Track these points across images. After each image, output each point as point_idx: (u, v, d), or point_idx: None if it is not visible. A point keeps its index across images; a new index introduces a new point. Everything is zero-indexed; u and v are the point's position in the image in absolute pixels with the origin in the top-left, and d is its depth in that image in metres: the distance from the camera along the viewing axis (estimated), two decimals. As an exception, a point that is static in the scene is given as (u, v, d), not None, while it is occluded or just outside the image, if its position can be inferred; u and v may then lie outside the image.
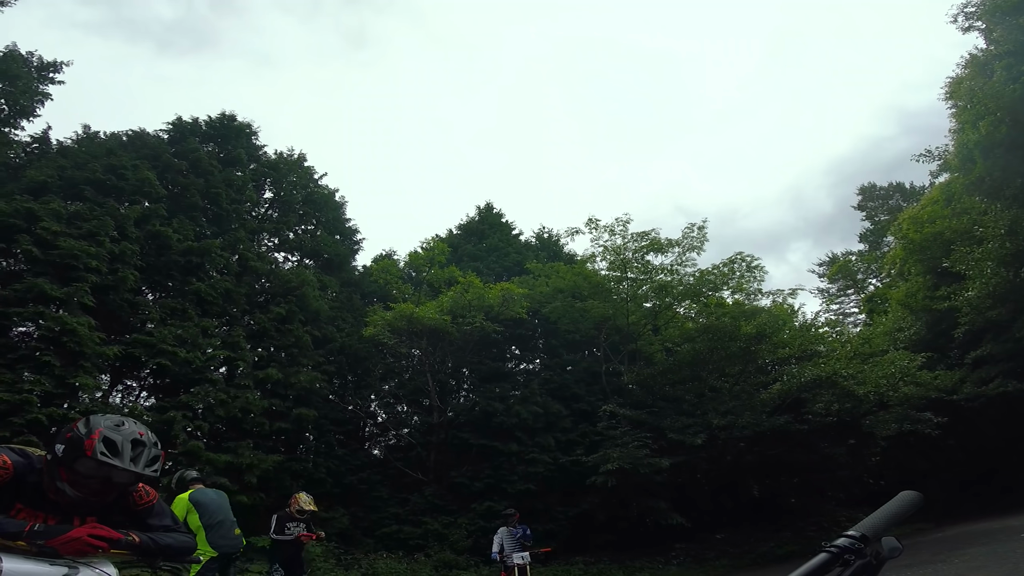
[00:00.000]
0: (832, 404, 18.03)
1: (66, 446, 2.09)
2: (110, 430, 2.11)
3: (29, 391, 13.36)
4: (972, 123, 17.27)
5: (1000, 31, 16.83)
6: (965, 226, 19.45)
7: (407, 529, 17.57)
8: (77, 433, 2.10)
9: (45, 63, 17.29)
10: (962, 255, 19.02)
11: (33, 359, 14.00)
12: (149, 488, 2.39)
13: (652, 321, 23.10)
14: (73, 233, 15.09)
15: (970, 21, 17.88)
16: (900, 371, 18.13)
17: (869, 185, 33.86)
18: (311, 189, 22.51)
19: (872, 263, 30.52)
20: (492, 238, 26.80)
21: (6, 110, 16.76)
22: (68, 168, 16.53)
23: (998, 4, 16.72)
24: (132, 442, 2.14)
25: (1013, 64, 15.92)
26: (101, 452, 2.05)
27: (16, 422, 12.88)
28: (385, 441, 22.09)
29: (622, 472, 16.75)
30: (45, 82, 17.29)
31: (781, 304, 22.54)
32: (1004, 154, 16.84)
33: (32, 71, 17.05)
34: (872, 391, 17.86)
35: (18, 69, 16.53)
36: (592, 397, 20.87)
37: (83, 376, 14.55)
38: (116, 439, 2.10)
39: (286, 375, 18.48)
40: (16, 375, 13.61)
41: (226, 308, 18.62)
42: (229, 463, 15.89)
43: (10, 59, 16.43)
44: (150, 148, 18.84)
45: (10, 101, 16.64)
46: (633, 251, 21.34)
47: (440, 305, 20.16)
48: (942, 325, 20.61)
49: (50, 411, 13.61)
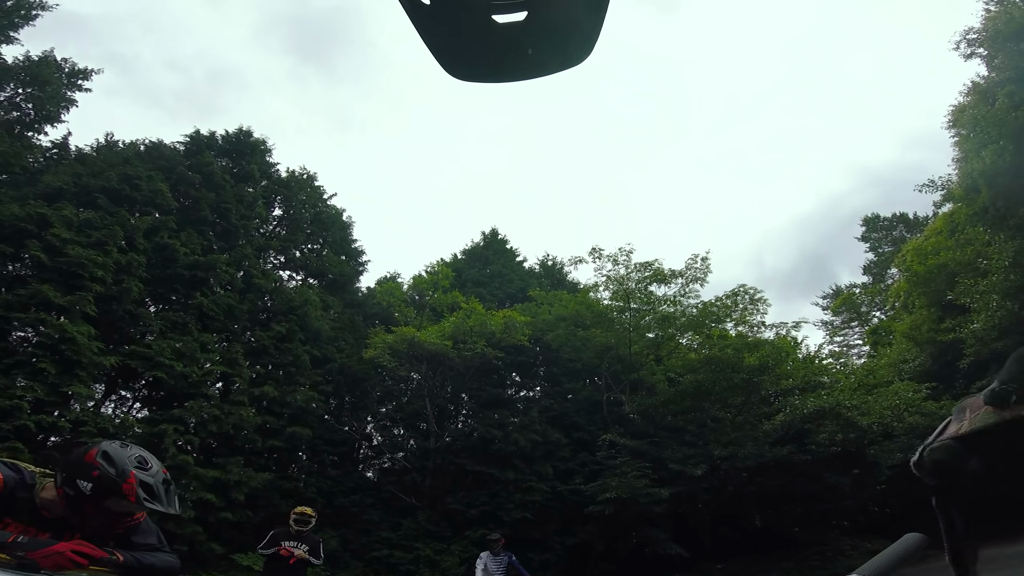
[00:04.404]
0: (836, 434, 17.81)
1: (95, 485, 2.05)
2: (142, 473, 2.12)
3: (21, 397, 13.29)
4: (975, 151, 17.25)
5: (1002, 57, 16.93)
6: (969, 257, 19.33)
7: (398, 554, 17.03)
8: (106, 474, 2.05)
9: (76, 70, 17.82)
10: (967, 288, 18.86)
11: (29, 365, 13.99)
12: None
13: (655, 351, 22.89)
14: (82, 241, 15.35)
15: (972, 48, 17.99)
16: (905, 402, 17.90)
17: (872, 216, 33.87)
18: (320, 208, 22.91)
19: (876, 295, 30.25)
20: (496, 264, 26.91)
21: (32, 115, 17.16)
22: (84, 175, 16.92)
23: (999, 30, 16.83)
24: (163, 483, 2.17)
25: (1015, 91, 15.94)
26: (144, 499, 2.08)
27: (3, 427, 12.75)
28: (380, 464, 21.65)
29: (621, 501, 16.46)
30: (73, 88, 17.79)
31: (784, 336, 22.36)
32: (1008, 183, 16.72)
33: (63, 76, 17.50)
34: (876, 421, 17.63)
35: (50, 75, 17.00)
36: (592, 426, 20.52)
37: (77, 385, 14.50)
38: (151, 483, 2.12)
39: (282, 393, 18.35)
40: (10, 380, 13.56)
41: (227, 324, 18.67)
42: (217, 479, 15.58)
43: (44, 64, 16.92)
44: (166, 160, 19.31)
45: (37, 106, 17.06)
46: (636, 281, 21.40)
47: (442, 330, 20.09)
48: (947, 356, 20.28)
49: (39, 418, 13.50)
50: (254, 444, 17.56)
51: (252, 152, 21.66)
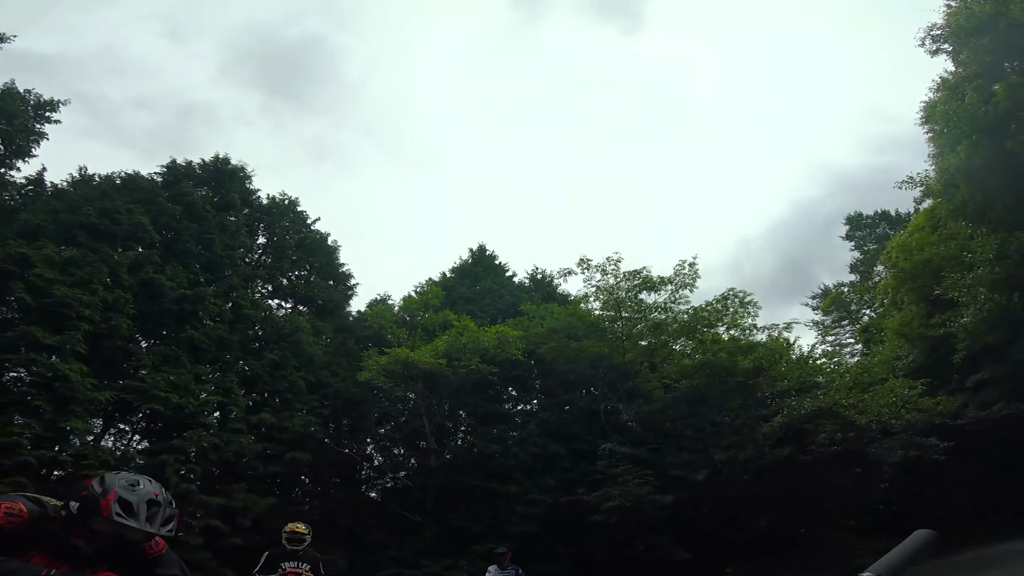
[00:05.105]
0: (835, 434, 17.87)
1: (80, 504, 2.09)
2: (125, 491, 2.11)
3: (19, 434, 13.28)
4: (950, 147, 17.51)
5: (967, 53, 17.23)
6: (954, 252, 19.52)
7: (406, 572, 17.05)
8: (92, 492, 2.09)
9: (42, 101, 17.30)
10: (954, 282, 19.04)
11: (24, 403, 13.98)
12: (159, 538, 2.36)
13: (649, 359, 23.01)
14: (67, 280, 15.30)
15: (937, 44, 18.29)
16: (901, 399, 18.02)
17: (855, 214, 34.11)
18: (304, 234, 22.81)
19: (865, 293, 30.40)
20: (486, 280, 26.93)
21: (2, 150, 16.63)
22: (62, 211, 16.79)
23: (962, 26, 17.09)
24: (148, 502, 2.13)
25: (983, 85, 16.27)
26: (116, 513, 2.04)
27: (5, 463, 12.77)
28: (382, 484, 21.62)
29: (624, 509, 16.56)
30: (41, 121, 17.31)
31: (777, 338, 22.50)
32: (985, 178, 17.03)
33: (29, 109, 17.04)
34: (874, 420, 17.71)
35: (15, 107, 16.53)
36: (591, 436, 20.53)
37: (74, 420, 14.48)
38: (132, 500, 2.09)
39: (280, 419, 18.33)
40: (7, 418, 13.58)
41: (219, 354, 18.65)
42: (222, 506, 15.61)
43: (7, 96, 16.40)
44: (144, 192, 19.12)
45: (6, 140, 16.52)
46: (626, 290, 21.56)
47: (435, 348, 20.07)
48: (939, 351, 20.43)
49: (40, 453, 13.54)
50: (255, 470, 17.58)
51: (231, 179, 21.43)
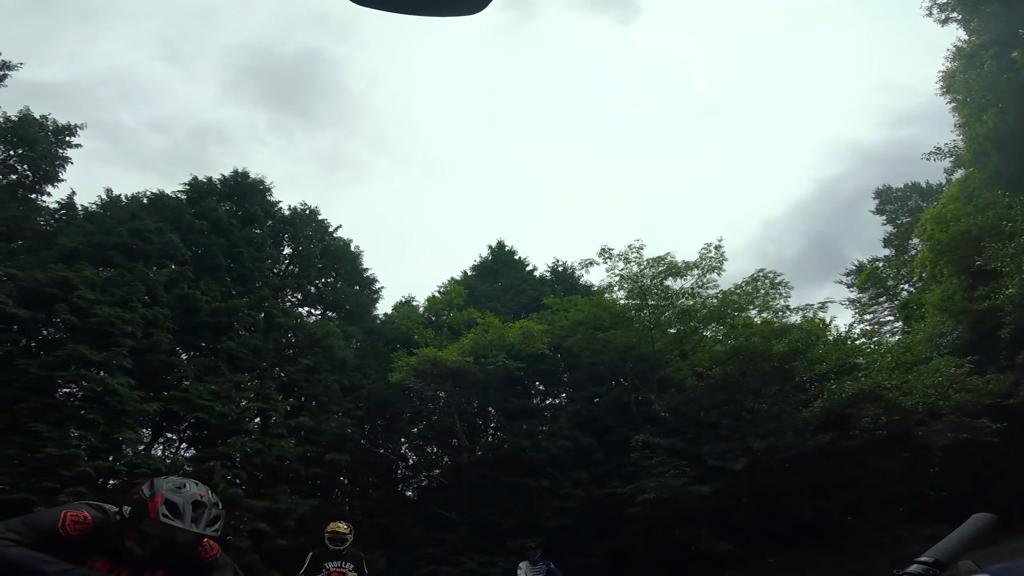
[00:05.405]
0: (879, 417, 17.23)
1: (132, 507, 2.24)
2: (171, 493, 2.24)
3: (76, 446, 14.10)
4: (976, 116, 16.86)
5: (977, 21, 16.61)
6: (992, 221, 18.63)
7: (444, 569, 17.30)
8: (142, 496, 2.24)
9: (60, 126, 17.98)
10: (995, 252, 18.19)
11: (78, 417, 14.78)
12: (213, 543, 2.52)
13: (679, 347, 22.57)
14: (107, 300, 16.09)
15: (945, 13, 17.74)
16: (948, 378, 17.30)
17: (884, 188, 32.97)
18: (327, 242, 23.39)
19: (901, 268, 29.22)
20: (507, 276, 27.07)
21: (30, 176, 17.32)
22: (96, 233, 17.63)
23: None
24: (193, 504, 2.24)
25: (1000, 53, 15.64)
26: (163, 514, 2.18)
27: (66, 474, 13.58)
28: (417, 482, 22.01)
29: (660, 501, 16.29)
30: (63, 146, 18.00)
31: (812, 319, 21.81)
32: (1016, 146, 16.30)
33: (49, 135, 17.70)
34: (920, 401, 17.02)
35: (35, 133, 17.20)
36: (623, 428, 20.36)
37: (126, 431, 15.28)
38: (177, 501, 2.22)
39: (317, 422, 18.87)
40: (64, 432, 14.40)
41: (256, 363, 19.30)
42: (267, 508, 16.20)
43: (25, 123, 17.07)
44: (171, 210, 19.92)
45: (32, 166, 17.19)
46: (651, 277, 21.21)
47: (462, 347, 20.26)
48: (985, 326, 19.50)
49: (96, 464, 14.36)
50: (297, 472, 18.21)
51: (252, 193, 22.10)
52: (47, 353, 15.39)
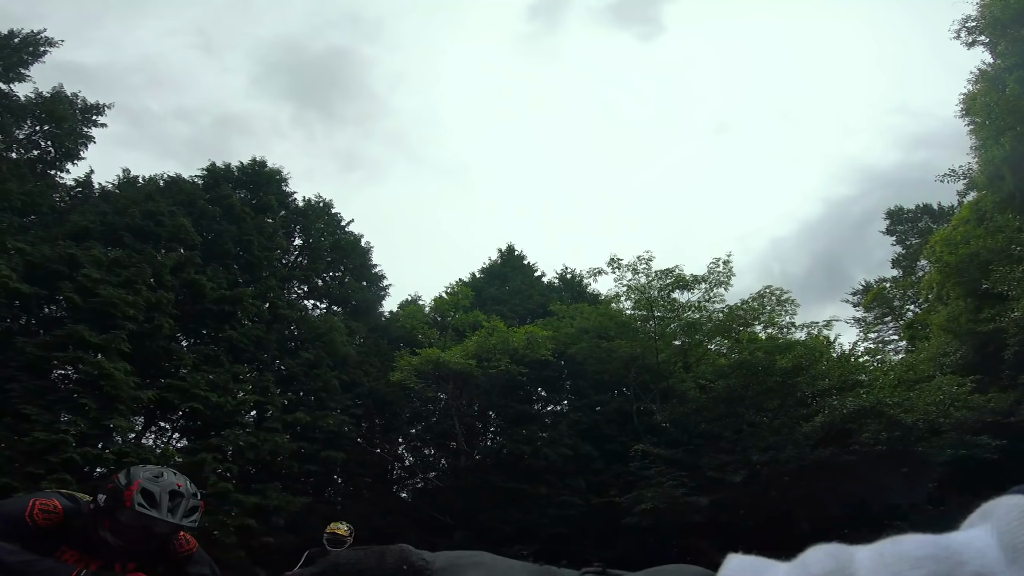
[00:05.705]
0: (880, 433, 17.27)
1: (107, 496, 2.13)
2: (148, 482, 2.14)
3: (65, 431, 13.70)
4: (993, 138, 17.03)
5: (1004, 44, 16.84)
6: (1001, 244, 18.78)
7: (437, 575, 16.86)
8: (117, 484, 2.14)
9: (89, 105, 17.98)
10: (1002, 275, 18.30)
11: (71, 401, 14.43)
12: (189, 537, 2.41)
13: (683, 358, 22.61)
14: (112, 281, 15.81)
15: (973, 36, 18.00)
16: (949, 396, 17.38)
17: (896, 208, 33.00)
18: (338, 236, 23.26)
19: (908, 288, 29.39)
20: (515, 280, 26.92)
21: (52, 152, 17.28)
22: (109, 213, 17.43)
23: (997, 17, 16.81)
24: (170, 493, 2.15)
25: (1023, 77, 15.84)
26: (139, 503, 2.07)
27: (52, 460, 13.18)
28: (413, 484, 21.69)
29: (659, 512, 16.25)
30: (89, 124, 17.99)
31: (817, 336, 21.85)
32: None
33: (77, 112, 17.69)
34: (921, 418, 17.12)
35: (64, 111, 17.17)
36: (624, 437, 20.21)
37: (118, 418, 14.92)
38: (154, 491, 2.12)
39: (314, 418, 18.56)
40: (54, 415, 14.03)
41: (257, 354, 19.03)
42: (257, 504, 15.80)
43: (57, 100, 17.03)
44: (186, 194, 19.74)
45: (56, 143, 17.17)
46: (658, 289, 21.23)
47: (465, 349, 20.10)
48: (989, 347, 19.55)
49: (84, 451, 13.93)
50: (291, 469, 17.83)
51: (268, 183, 21.99)
52: (46, 332, 15.09)
